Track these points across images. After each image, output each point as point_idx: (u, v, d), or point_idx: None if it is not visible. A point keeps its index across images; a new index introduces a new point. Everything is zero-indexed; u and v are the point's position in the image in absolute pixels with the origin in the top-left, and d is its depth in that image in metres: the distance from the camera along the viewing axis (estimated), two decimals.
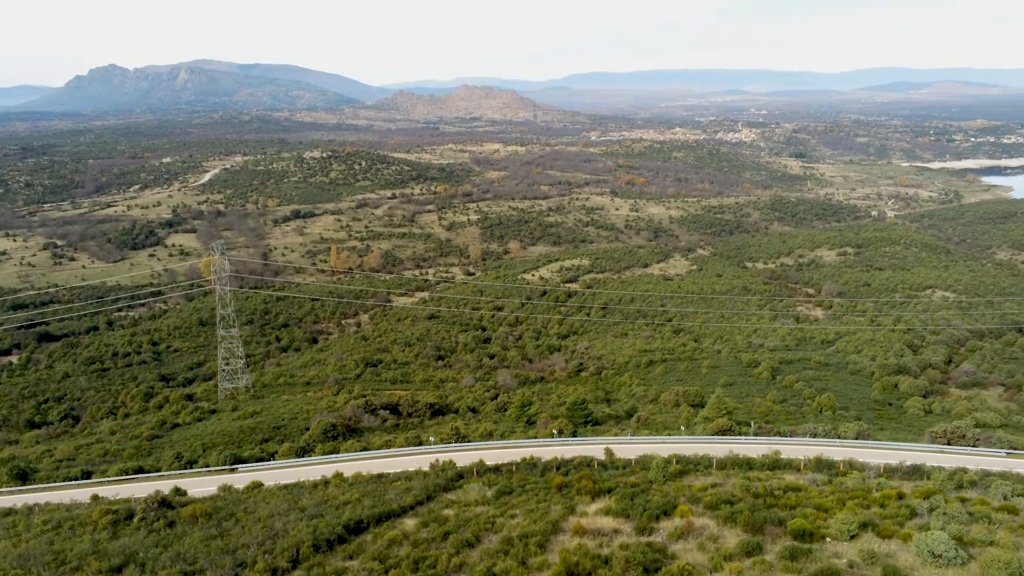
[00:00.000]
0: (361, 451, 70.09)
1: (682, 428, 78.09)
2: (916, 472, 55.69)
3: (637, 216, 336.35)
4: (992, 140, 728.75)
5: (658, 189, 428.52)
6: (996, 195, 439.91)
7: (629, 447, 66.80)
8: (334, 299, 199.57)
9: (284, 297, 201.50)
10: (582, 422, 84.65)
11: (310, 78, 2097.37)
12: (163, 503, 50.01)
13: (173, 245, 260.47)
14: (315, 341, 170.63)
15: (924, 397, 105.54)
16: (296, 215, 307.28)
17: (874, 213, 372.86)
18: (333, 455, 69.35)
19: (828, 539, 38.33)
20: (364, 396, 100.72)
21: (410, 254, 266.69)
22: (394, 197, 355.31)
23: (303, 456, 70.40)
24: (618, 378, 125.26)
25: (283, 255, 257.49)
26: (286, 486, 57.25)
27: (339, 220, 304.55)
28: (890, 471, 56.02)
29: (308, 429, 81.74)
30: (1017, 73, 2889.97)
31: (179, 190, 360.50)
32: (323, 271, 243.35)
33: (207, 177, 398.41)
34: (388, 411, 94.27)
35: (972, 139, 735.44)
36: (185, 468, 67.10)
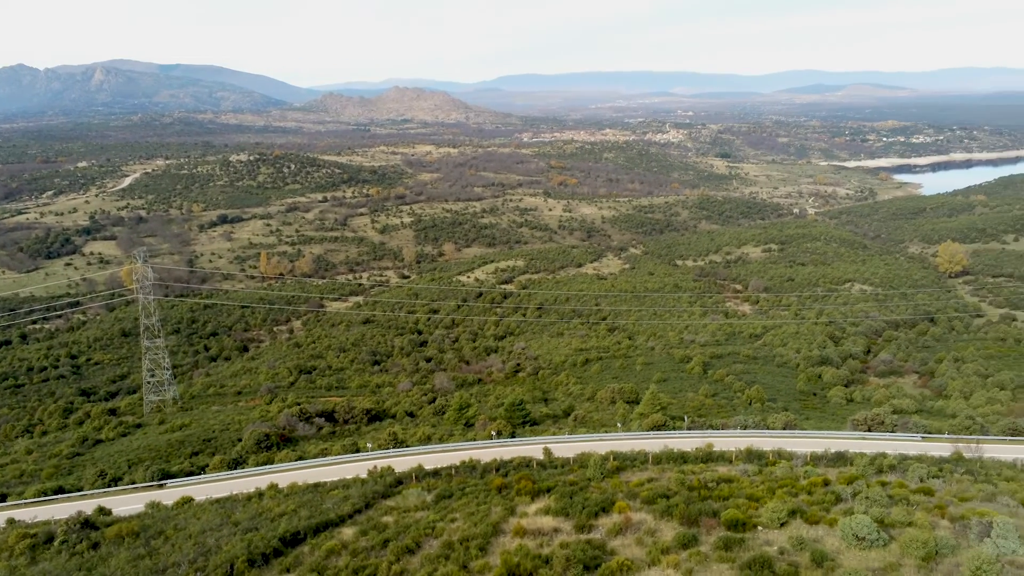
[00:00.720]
0: (296, 460, 68.64)
1: (618, 425, 79.33)
2: (840, 459, 58.10)
3: (570, 216, 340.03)
4: (902, 140, 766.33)
5: (590, 189, 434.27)
6: (907, 192, 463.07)
7: (567, 446, 67.48)
8: (265, 306, 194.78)
9: (212, 305, 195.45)
10: (520, 422, 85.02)
11: (235, 79, 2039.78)
12: (86, 524, 47.82)
13: (92, 253, 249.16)
14: (246, 349, 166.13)
15: (846, 386, 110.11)
16: (223, 220, 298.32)
17: (796, 211, 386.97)
18: (267, 466, 67.68)
19: (760, 527, 39.59)
20: (298, 404, 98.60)
21: (343, 258, 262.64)
22: (325, 200, 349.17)
23: (236, 468, 68.44)
24: (555, 377, 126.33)
25: (210, 261, 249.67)
26: (218, 500, 55.60)
27: (268, 225, 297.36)
28: (816, 459, 58.25)
29: (240, 440, 79.53)
30: (923, 76, 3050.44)
31: (97, 196, 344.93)
32: (253, 277, 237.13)
33: (127, 182, 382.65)
34: (324, 419, 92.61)
35: (884, 139, 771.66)
36: (109, 486, 64.33)
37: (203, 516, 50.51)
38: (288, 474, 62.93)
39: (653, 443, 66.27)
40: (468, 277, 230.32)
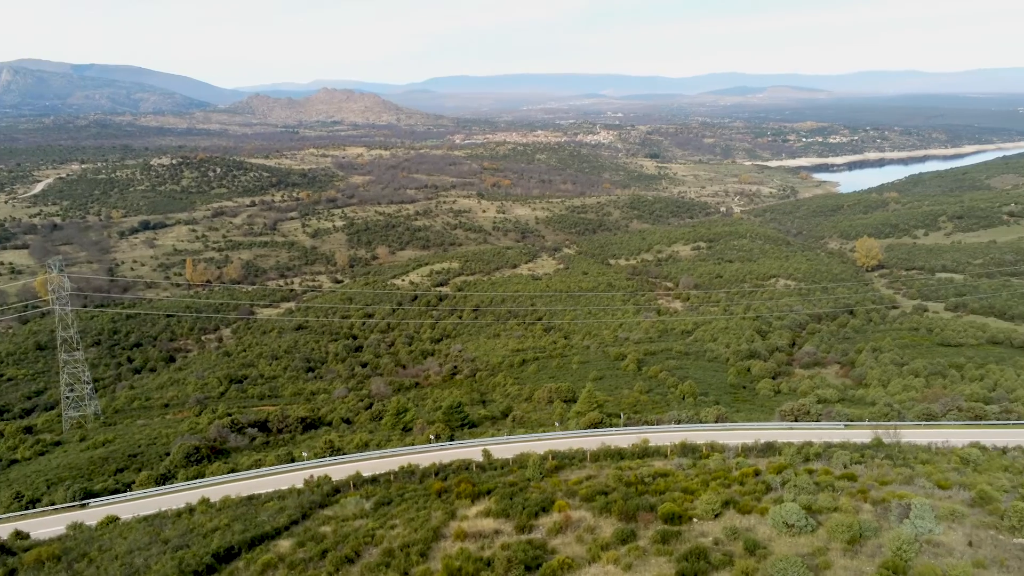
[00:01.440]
0: (229, 473, 66.63)
1: (556, 424, 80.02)
2: (769, 449, 60.08)
3: (504, 218, 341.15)
4: (820, 140, 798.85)
5: (523, 190, 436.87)
6: (826, 190, 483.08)
7: (506, 447, 67.64)
8: (192, 314, 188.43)
9: (135, 315, 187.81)
10: (459, 425, 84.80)
11: (154, 80, 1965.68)
12: (1, 549, 45.28)
13: (1, 263, 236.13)
14: (172, 360, 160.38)
15: (773, 379, 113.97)
16: (145, 226, 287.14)
17: (723, 209, 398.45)
18: (198, 480, 65.49)
19: (695, 519, 40.58)
20: (230, 415, 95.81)
21: (273, 264, 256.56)
22: (253, 205, 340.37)
23: (164, 484, 65.99)
24: (492, 379, 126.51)
25: (132, 270, 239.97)
26: (146, 518, 53.48)
27: (194, 231, 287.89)
28: (747, 450, 60.09)
29: (168, 455, 76.67)
30: (839, 78, 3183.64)
31: (6, 202, 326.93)
32: (178, 285, 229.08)
33: (39, 187, 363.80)
34: (257, 429, 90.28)
35: (804, 139, 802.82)
36: (27, 508, 61.08)
37: (130, 535, 48.49)
38: (220, 487, 61.05)
39: (591, 441, 67.10)
40: (403, 280, 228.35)
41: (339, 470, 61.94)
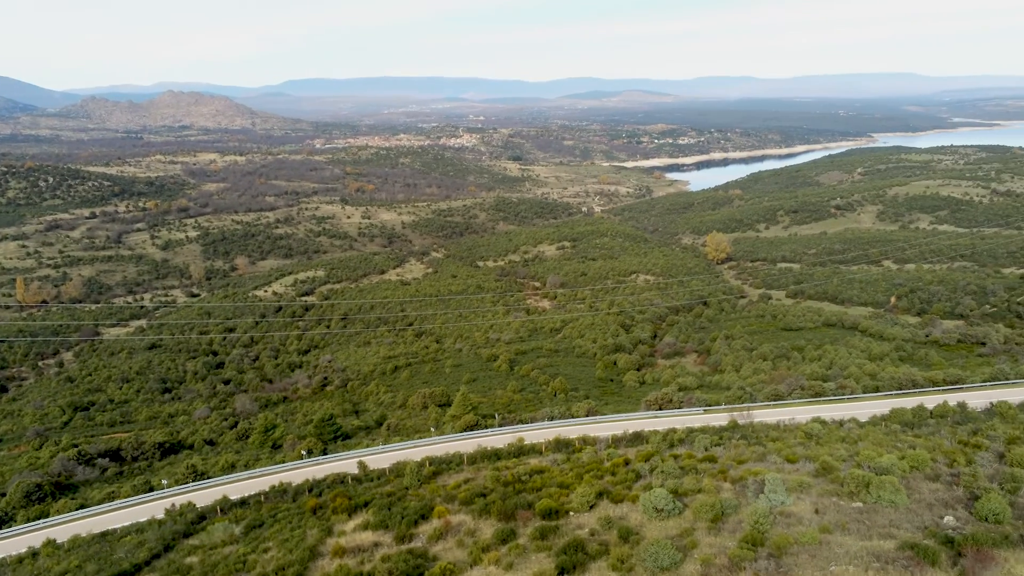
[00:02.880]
0: (78, 509, 61.34)
1: (432, 429, 79.73)
2: (638, 439, 62.89)
3: (370, 223, 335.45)
4: (671, 141, 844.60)
5: (388, 195, 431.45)
6: (678, 189, 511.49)
7: (383, 456, 66.70)
8: (26, 338, 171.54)
9: None
10: (332, 438, 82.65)
11: None
12: None
13: None
14: (5, 390, 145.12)
15: (638, 370, 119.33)
16: None
17: (584, 209, 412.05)
18: (41, 520, 59.82)
19: (572, 513, 41.80)
20: (76, 446, 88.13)
21: (120, 279, 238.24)
22: (94, 216, 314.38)
23: (1, 528, 59.73)
24: (365, 388, 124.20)
25: None
26: None
27: (24, 247, 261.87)
28: (617, 441, 62.60)
29: (4, 495, 69.46)
30: (685, 83, 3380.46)
31: None
32: (8, 307, 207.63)
33: None
34: (109, 458, 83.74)
35: (656, 141, 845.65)
36: None
37: None
38: (68, 526, 56.09)
39: (467, 443, 67.45)
40: (265, 291, 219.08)
41: (204, 495, 58.73)
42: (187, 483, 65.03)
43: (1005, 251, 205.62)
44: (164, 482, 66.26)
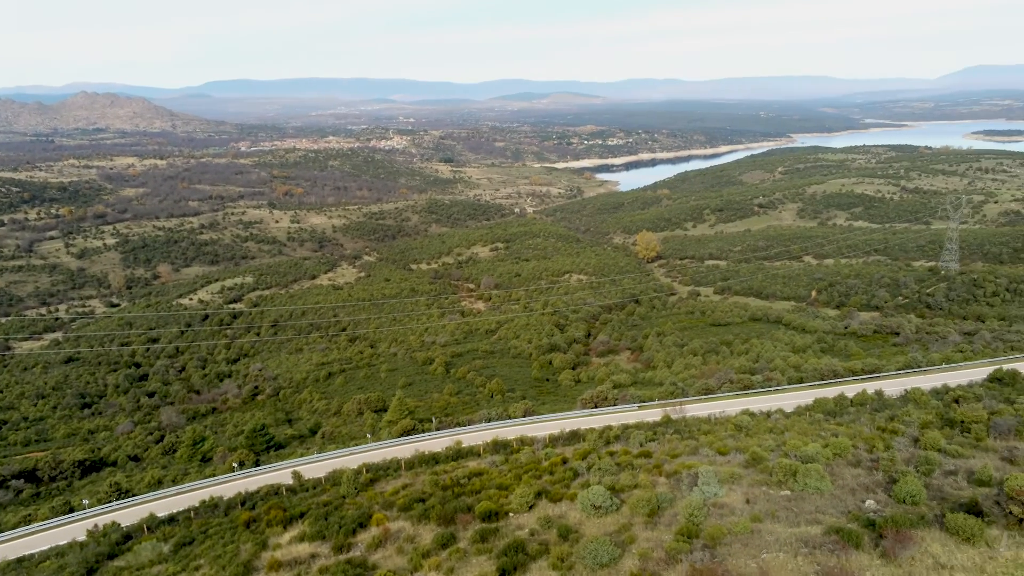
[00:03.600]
0: None
1: (368, 436, 78.65)
2: (574, 437, 63.54)
3: (299, 227, 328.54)
4: (600, 142, 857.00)
5: (318, 199, 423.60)
6: (608, 189, 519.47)
7: (318, 465, 65.46)
8: None
9: None
10: (264, 448, 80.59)
11: None
12: None
13: None
14: None
15: (573, 369, 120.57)
16: None
17: (517, 210, 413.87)
18: None
19: (512, 514, 41.91)
20: None
21: (32, 290, 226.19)
22: (1, 224, 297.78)
23: None
24: (298, 396, 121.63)
25: None
26: None
27: None
28: (554, 440, 63.09)
29: None
30: (612, 85, 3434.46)
31: None
32: None
33: None
34: (23, 480, 79.53)
35: (585, 142, 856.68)
36: None
37: None
38: None
39: (405, 449, 66.84)
40: (191, 299, 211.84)
41: (129, 514, 56.42)
42: (110, 502, 62.31)
43: (915, 245, 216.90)
44: (85, 502, 63.28)
